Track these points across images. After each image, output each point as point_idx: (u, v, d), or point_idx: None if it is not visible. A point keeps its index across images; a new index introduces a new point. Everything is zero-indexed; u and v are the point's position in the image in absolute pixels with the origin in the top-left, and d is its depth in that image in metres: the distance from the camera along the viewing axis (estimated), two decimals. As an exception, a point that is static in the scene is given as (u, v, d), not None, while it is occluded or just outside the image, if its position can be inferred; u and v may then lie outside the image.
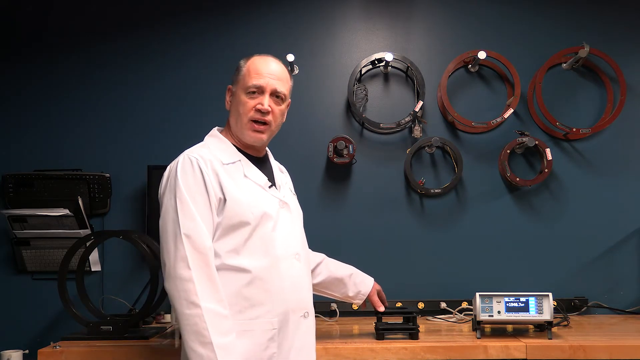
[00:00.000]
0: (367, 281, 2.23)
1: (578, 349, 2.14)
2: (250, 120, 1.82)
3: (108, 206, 2.85)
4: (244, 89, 1.82)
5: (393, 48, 2.93)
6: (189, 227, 1.67)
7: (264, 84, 1.81)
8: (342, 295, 2.21)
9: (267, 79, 1.81)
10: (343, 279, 2.18)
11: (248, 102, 1.81)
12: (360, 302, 2.25)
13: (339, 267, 2.21)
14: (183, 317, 1.63)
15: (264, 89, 1.81)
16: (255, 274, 1.72)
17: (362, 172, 2.91)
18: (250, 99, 1.81)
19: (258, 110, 1.81)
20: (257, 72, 1.82)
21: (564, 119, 2.87)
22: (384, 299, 2.28)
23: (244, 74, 1.83)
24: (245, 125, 1.82)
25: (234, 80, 1.87)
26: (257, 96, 1.82)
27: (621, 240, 2.91)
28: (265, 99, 1.81)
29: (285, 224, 1.83)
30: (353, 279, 2.20)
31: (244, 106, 1.81)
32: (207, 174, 1.73)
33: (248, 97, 1.81)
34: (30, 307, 2.82)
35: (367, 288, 2.22)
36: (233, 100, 1.86)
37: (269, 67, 1.84)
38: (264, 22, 2.94)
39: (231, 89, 1.88)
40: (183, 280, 1.63)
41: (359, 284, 2.21)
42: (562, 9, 2.97)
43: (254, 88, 1.81)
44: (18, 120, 2.89)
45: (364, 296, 2.22)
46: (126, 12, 2.94)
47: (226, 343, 1.62)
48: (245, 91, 1.82)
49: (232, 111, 1.86)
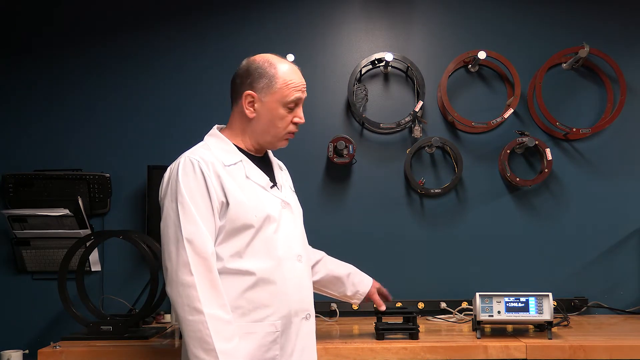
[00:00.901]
0: (365, 281, 2.22)
1: (578, 349, 2.14)
2: (288, 132, 1.83)
3: (108, 206, 2.85)
4: (282, 102, 1.78)
5: (393, 48, 2.93)
6: (191, 231, 1.65)
7: (302, 96, 1.82)
8: (340, 294, 2.20)
9: (303, 91, 1.82)
10: (341, 277, 2.17)
11: (287, 117, 1.80)
12: (359, 302, 2.24)
13: (338, 265, 2.20)
14: (186, 323, 1.61)
15: (301, 102, 1.82)
16: (260, 276, 1.71)
17: (362, 172, 2.91)
18: (289, 113, 1.81)
19: (295, 123, 1.82)
20: (295, 85, 1.79)
21: (564, 119, 2.87)
22: (386, 294, 2.27)
23: (280, 85, 1.78)
24: (282, 137, 1.83)
25: (261, 88, 1.78)
26: (294, 109, 1.81)
27: (621, 240, 2.91)
28: (301, 112, 1.83)
29: (288, 225, 1.82)
30: (351, 278, 2.19)
31: (282, 120, 1.80)
32: (209, 176, 1.71)
33: (286, 110, 1.80)
34: (30, 307, 2.82)
35: (365, 288, 2.20)
36: (263, 109, 1.79)
37: (301, 78, 1.83)
38: (264, 22, 2.94)
39: (257, 96, 1.78)
40: (185, 286, 1.62)
41: (357, 284, 2.19)
42: (562, 9, 2.97)
43: (295, 103, 1.80)
44: (18, 120, 2.89)
45: (362, 296, 2.21)
46: (127, 13, 2.93)
47: (229, 349, 1.61)
48: (284, 104, 1.79)
49: (262, 121, 1.80)
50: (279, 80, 1.78)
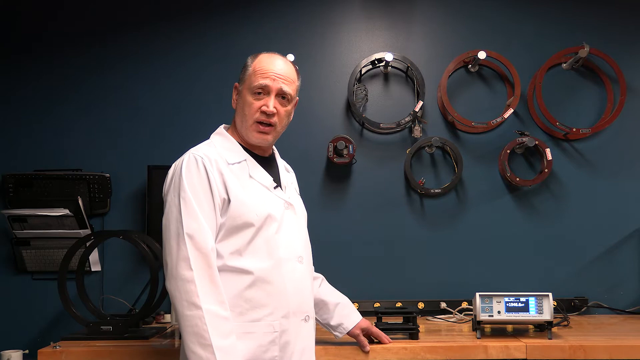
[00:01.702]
0: (353, 316, 2.08)
1: (578, 349, 2.14)
2: (255, 121, 1.79)
3: (108, 206, 2.85)
4: (249, 88, 1.79)
5: (393, 48, 2.93)
6: (192, 227, 1.65)
7: (270, 84, 1.77)
8: (324, 321, 2.07)
9: (272, 79, 1.78)
10: (329, 304, 2.05)
11: (254, 103, 1.78)
12: (341, 336, 2.07)
13: (331, 292, 2.09)
14: (183, 318, 1.62)
15: (269, 89, 1.78)
16: (258, 276, 1.71)
17: (362, 172, 2.91)
18: (256, 100, 1.78)
19: (263, 112, 1.78)
20: (263, 71, 1.78)
21: (564, 119, 2.87)
22: (378, 335, 2.12)
23: (250, 72, 1.80)
24: (251, 126, 1.79)
25: (241, 79, 1.83)
26: (262, 97, 1.78)
27: (621, 240, 2.91)
28: (271, 101, 1.77)
29: (290, 226, 1.82)
30: (339, 309, 2.06)
31: (249, 107, 1.78)
32: (212, 173, 1.71)
33: (253, 97, 1.78)
34: (30, 307, 2.81)
35: (350, 323, 2.06)
36: (239, 99, 1.83)
37: (276, 66, 1.79)
38: (264, 22, 2.94)
39: (237, 87, 1.84)
40: (184, 281, 1.62)
41: (344, 316, 2.06)
42: (562, 9, 2.97)
43: (259, 88, 1.77)
44: (18, 120, 2.89)
45: (344, 330, 2.06)
46: (127, 13, 2.93)
47: (226, 345, 1.61)
48: (250, 91, 1.78)
49: (238, 111, 1.83)
50: (251, 68, 1.81)
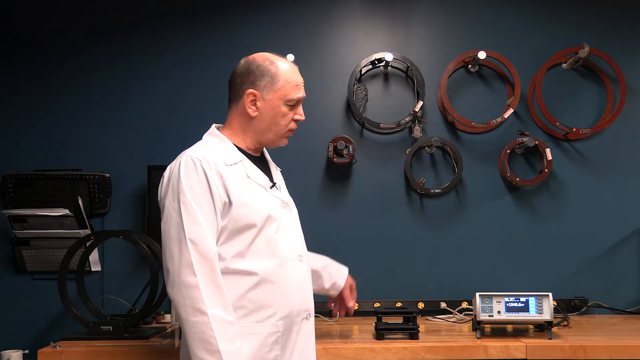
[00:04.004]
0: (342, 272, 2.17)
1: (578, 349, 2.14)
2: (289, 130, 1.86)
3: (108, 206, 2.85)
4: (284, 100, 1.81)
5: (393, 48, 2.93)
6: (194, 232, 1.64)
7: (303, 95, 1.86)
8: (318, 287, 2.11)
9: (303, 90, 1.86)
10: (318, 270, 2.10)
11: (289, 114, 1.83)
12: (336, 294, 2.15)
13: (314, 258, 2.13)
14: (189, 324, 1.60)
15: (301, 100, 1.86)
16: (262, 277, 1.71)
17: (362, 172, 2.91)
18: (291, 111, 1.84)
19: (296, 120, 1.86)
20: (295, 83, 1.83)
21: (564, 119, 2.87)
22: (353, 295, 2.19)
23: (282, 84, 1.80)
24: (284, 134, 1.86)
25: (263, 87, 1.80)
26: (295, 106, 1.85)
27: (621, 240, 2.91)
28: (301, 109, 1.86)
29: (288, 225, 1.82)
30: (328, 270, 2.13)
31: (284, 118, 1.83)
32: (211, 176, 1.69)
33: (289, 108, 1.83)
34: (30, 307, 2.81)
35: (342, 280, 2.15)
36: (265, 107, 1.81)
37: (300, 76, 1.86)
38: (264, 21, 2.94)
39: (259, 95, 1.80)
40: (188, 287, 1.60)
41: (334, 275, 2.14)
42: (562, 9, 2.97)
43: (296, 101, 1.84)
44: (18, 120, 2.89)
45: (340, 287, 2.14)
46: (126, 13, 2.93)
47: (233, 350, 1.60)
48: (286, 102, 1.82)
49: (265, 119, 1.82)
50: (281, 78, 1.80)
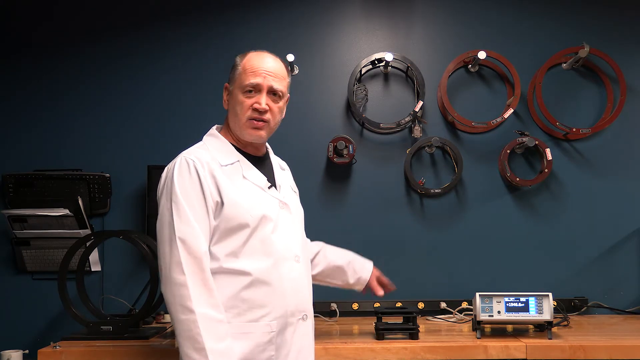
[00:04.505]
0: (367, 266, 2.22)
1: (578, 349, 2.14)
2: (248, 119, 1.79)
3: (108, 206, 2.85)
4: (240, 87, 1.80)
5: (393, 48, 2.93)
6: (184, 231, 1.66)
7: (261, 82, 1.78)
8: (343, 282, 2.19)
9: (263, 76, 1.79)
10: (342, 266, 2.17)
11: (245, 101, 1.79)
12: (362, 288, 2.22)
13: (338, 254, 2.20)
14: (178, 322, 1.62)
15: (260, 87, 1.79)
16: (256, 276, 1.71)
17: (362, 172, 2.91)
18: (247, 98, 1.79)
19: (255, 109, 1.79)
20: (253, 69, 1.79)
21: (564, 119, 2.87)
22: (385, 283, 2.25)
23: (240, 71, 1.81)
24: (244, 124, 1.80)
25: (231, 78, 1.85)
26: (254, 95, 1.79)
27: (621, 240, 2.91)
28: (263, 98, 1.79)
29: (285, 225, 1.82)
30: (352, 265, 2.18)
31: (241, 105, 1.79)
32: (203, 176, 1.71)
33: (245, 96, 1.79)
34: (30, 307, 2.81)
35: (367, 274, 2.20)
36: (230, 99, 1.84)
37: (265, 64, 1.81)
38: (264, 22, 2.94)
39: (228, 87, 1.86)
40: (177, 285, 1.62)
41: (358, 271, 2.19)
42: (562, 9, 2.97)
43: (251, 87, 1.78)
44: (18, 120, 2.89)
45: (365, 281, 2.20)
46: (126, 13, 2.94)
47: (221, 348, 1.61)
48: (242, 90, 1.79)
49: (230, 110, 1.84)
50: (240, 67, 1.82)
